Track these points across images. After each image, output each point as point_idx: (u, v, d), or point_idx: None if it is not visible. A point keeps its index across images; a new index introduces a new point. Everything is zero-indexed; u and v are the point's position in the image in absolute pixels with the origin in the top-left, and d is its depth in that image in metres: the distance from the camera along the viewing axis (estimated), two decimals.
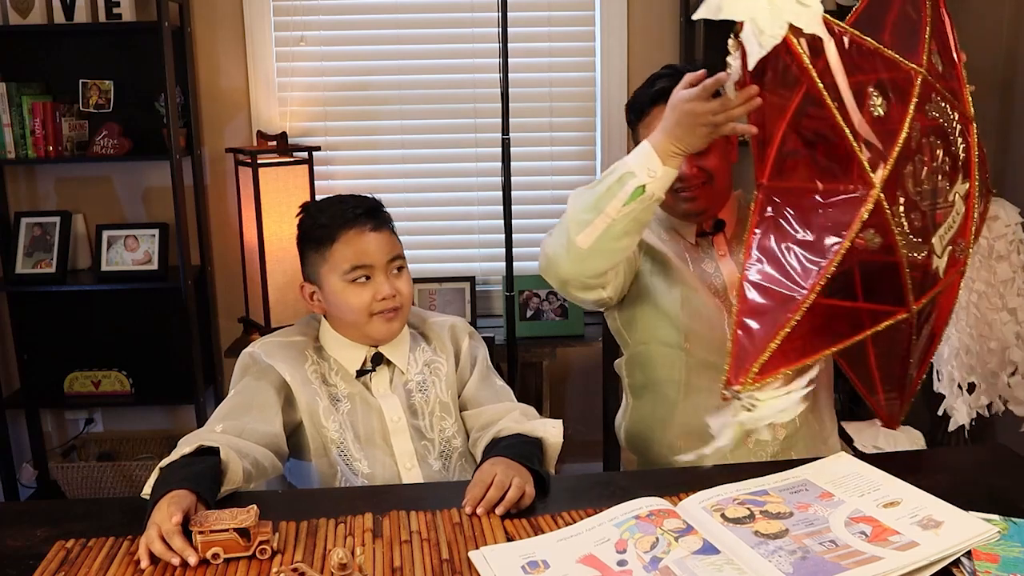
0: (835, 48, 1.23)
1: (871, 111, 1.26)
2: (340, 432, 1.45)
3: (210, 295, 2.94)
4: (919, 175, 1.30)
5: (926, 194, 1.31)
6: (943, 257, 1.36)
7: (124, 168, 2.84)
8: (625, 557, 1.05)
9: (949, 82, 1.36)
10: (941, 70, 1.34)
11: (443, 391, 1.53)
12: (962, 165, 1.36)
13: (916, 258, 1.30)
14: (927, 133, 1.30)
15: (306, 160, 2.70)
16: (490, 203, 2.91)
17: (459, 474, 1.52)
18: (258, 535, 1.09)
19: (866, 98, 1.26)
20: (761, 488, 1.20)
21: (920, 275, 1.32)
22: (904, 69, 1.27)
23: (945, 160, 1.34)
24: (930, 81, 1.29)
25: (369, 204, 1.49)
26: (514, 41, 2.58)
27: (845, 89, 1.24)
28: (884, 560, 0.99)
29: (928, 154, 1.31)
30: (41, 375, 2.92)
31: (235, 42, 2.80)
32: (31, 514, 1.25)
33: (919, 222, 1.30)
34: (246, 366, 1.48)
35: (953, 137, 1.34)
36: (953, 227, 1.37)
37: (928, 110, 1.30)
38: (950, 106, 1.34)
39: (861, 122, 1.24)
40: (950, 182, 1.35)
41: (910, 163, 1.28)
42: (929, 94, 1.30)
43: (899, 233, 1.26)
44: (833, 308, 1.27)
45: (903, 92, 1.27)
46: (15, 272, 2.73)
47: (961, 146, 1.36)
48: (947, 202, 1.35)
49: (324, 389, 1.46)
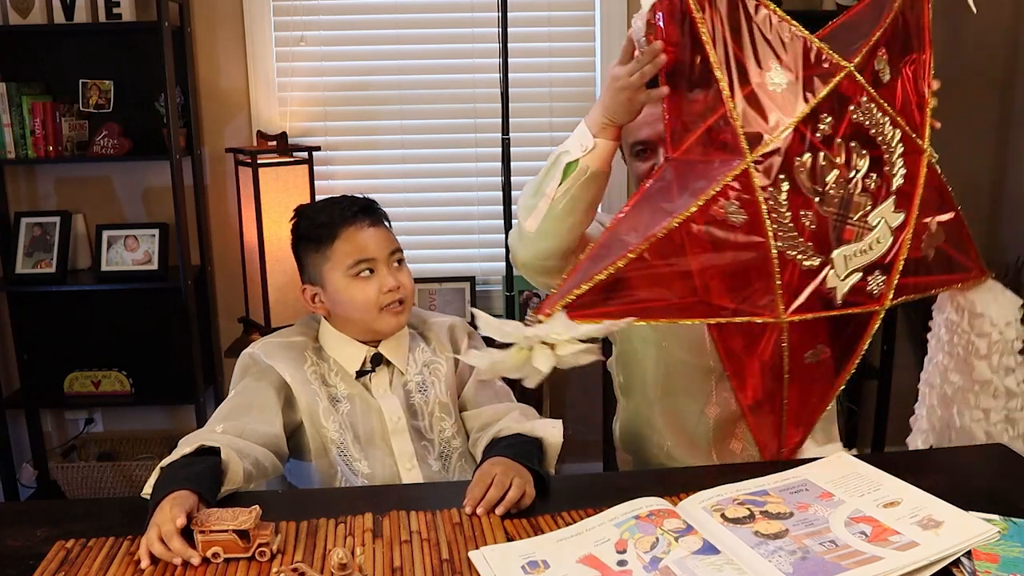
0: (727, 10, 1.23)
1: (768, 85, 1.24)
2: (340, 432, 1.45)
3: (210, 295, 2.94)
4: (822, 173, 1.26)
5: (830, 199, 1.27)
6: (845, 280, 1.31)
7: (124, 168, 2.84)
8: (625, 557, 1.05)
9: (904, 105, 1.33)
10: (886, 81, 1.31)
11: (442, 392, 1.53)
12: (896, 192, 1.32)
13: (798, 261, 1.26)
14: (847, 135, 1.27)
15: (306, 160, 2.70)
16: (490, 203, 2.91)
17: (459, 474, 1.52)
18: (257, 537, 1.09)
19: (764, 70, 1.24)
20: (761, 488, 1.20)
21: (799, 283, 1.28)
22: (828, 59, 1.26)
23: (870, 176, 1.29)
24: (859, 82, 1.27)
25: (364, 202, 1.50)
26: (514, 41, 2.58)
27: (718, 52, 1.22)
28: (884, 560, 0.99)
29: (843, 157, 1.27)
30: (41, 375, 2.92)
31: (235, 42, 2.80)
32: (31, 514, 1.24)
33: (813, 225, 1.26)
34: (246, 367, 1.48)
35: (888, 158, 1.31)
36: (869, 253, 1.31)
37: (853, 111, 1.27)
38: (891, 123, 1.30)
39: (743, 95, 1.23)
40: (872, 202, 1.30)
41: (811, 155, 1.25)
42: (856, 95, 1.27)
43: (777, 224, 1.23)
44: (678, 279, 1.24)
45: (818, 78, 1.25)
46: (15, 272, 2.73)
47: (899, 171, 1.32)
48: (863, 222, 1.30)
49: (324, 390, 1.46)
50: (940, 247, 1.43)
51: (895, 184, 1.32)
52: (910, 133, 1.33)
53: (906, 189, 1.34)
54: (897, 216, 1.33)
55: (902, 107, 1.33)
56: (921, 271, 1.41)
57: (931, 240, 1.40)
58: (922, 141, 1.35)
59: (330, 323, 1.51)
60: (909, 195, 1.35)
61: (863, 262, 1.32)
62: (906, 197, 1.34)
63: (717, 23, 1.23)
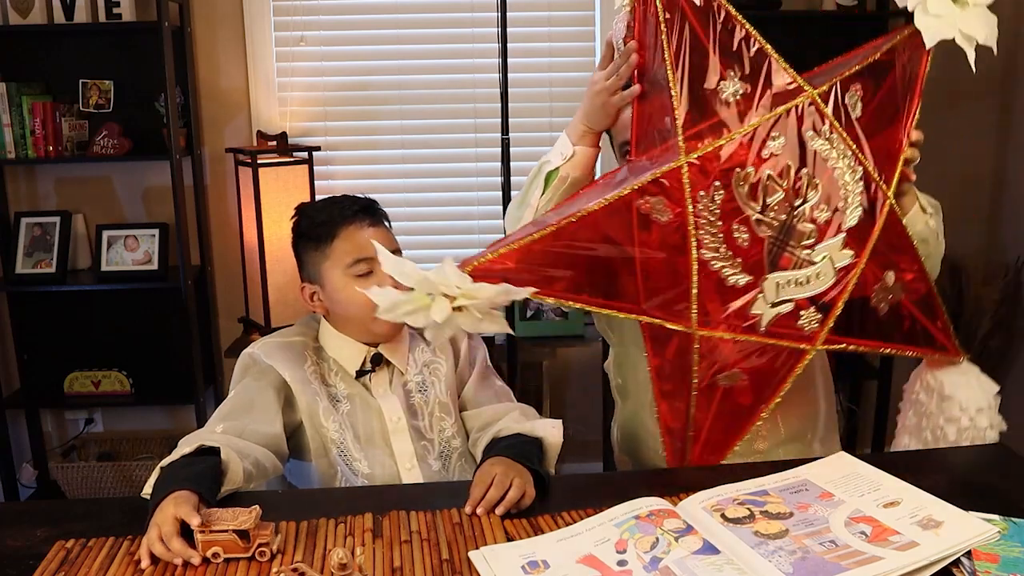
0: (697, 17, 1.23)
1: (720, 91, 1.24)
2: (340, 432, 1.45)
3: (210, 295, 2.94)
4: (764, 191, 1.25)
5: (770, 222, 1.26)
6: (772, 308, 1.29)
7: (124, 168, 2.84)
8: (625, 557, 1.05)
9: (875, 147, 1.31)
10: (857, 117, 1.29)
11: (442, 392, 1.53)
12: (848, 231, 1.29)
13: (724, 275, 1.25)
14: (800, 160, 1.26)
15: (306, 160, 2.70)
16: (490, 203, 2.91)
17: (459, 474, 1.52)
18: (257, 538, 1.09)
19: (722, 79, 1.24)
20: (761, 488, 1.20)
21: (721, 298, 1.27)
22: (792, 81, 1.26)
23: (821, 208, 1.27)
24: (821, 109, 1.26)
25: (365, 202, 1.50)
26: (514, 41, 2.58)
27: (677, 55, 1.23)
28: (884, 560, 0.99)
29: (792, 181, 1.26)
30: (41, 375, 2.92)
31: (235, 42, 2.80)
32: (31, 514, 1.24)
33: (746, 243, 1.25)
34: (246, 367, 1.48)
35: (844, 194, 1.28)
36: (805, 287, 1.29)
37: (810, 138, 1.26)
38: (854, 159, 1.28)
39: (692, 98, 1.23)
40: (819, 235, 1.28)
41: (754, 171, 1.24)
42: (816, 122, 1.26)
43: (705, 232, 1.23)
44: (590, 262, 1.23)
45: (776, 96, 1.25)
46: (15, 272, 2.73)
47: (854, 211, 1.29)
48: (805, 253, 1.28)
49: (324, 389, 1.46)
50: (906, 310, 1.39)
51: (847, 222, 1.29)
52: (874, 174, 1.30)
53: (860, 231, 1.31)
54: (844, 255, 1.30)
55: (873, 148, 1.31)
56: (871, 325, 1.38)
57: (885, 293, 1.37)
58: (887, 187, 1.31)
59: (329, 322, 1.51)
60: (862, 238, 1.31)
61: (797, 294, 1.29)
62: (858, 239, 1.31)
63: (684, 28, 1.23)
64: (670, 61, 1.23)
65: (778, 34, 2.87)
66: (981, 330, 2.85)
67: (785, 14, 2.73)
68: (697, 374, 1.33)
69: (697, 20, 1.24)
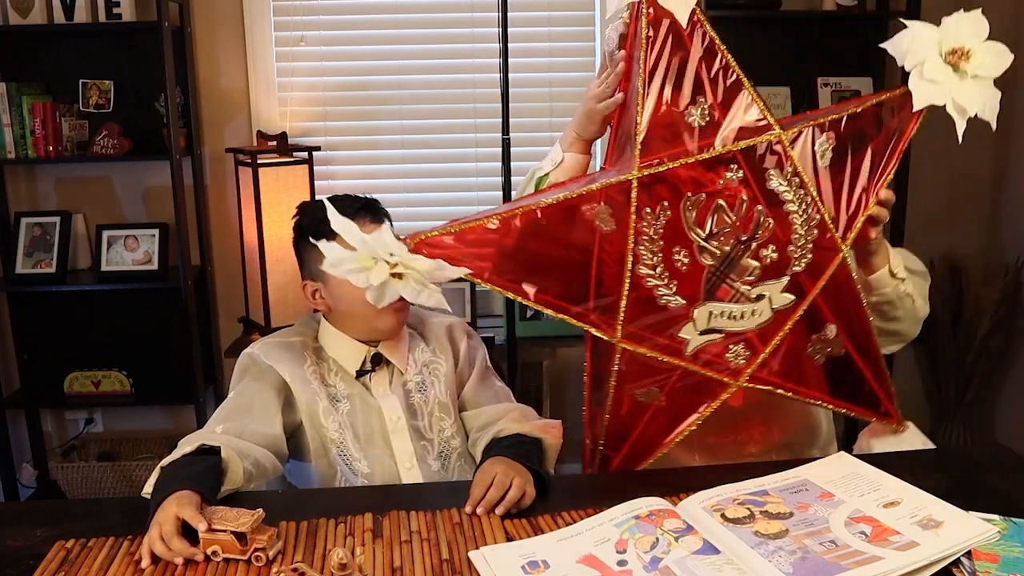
0: (679, 38, 1.23)
1: (687, 115, 1.25)
2: (340, 432, 1.45)
3: (210, 295, 2.94)
4: (712, 220, 1.26)
5: (713, 251, 1.26)
6: (700, 336, 1.30)
7: (124, 168, 2.84)
8: (625, 557, 1.05)
9: (838, 197, 1.30)
10: (825, 165, 1.29)
11: (442, 391, 1.53)
12: (792, 274, 1.29)
13: (657, 293, 1.26)
14: (755, 196, 1.26)
15: (306, 160, 2.70)
16: (490, 203, 2.91)
17: (458, 474, 1.52)
18: (254, 541, 1.09)
19: (691, 103, 1.25)
20: (761, 488, 1.20)
21: (647, 317, 1.28)
22: (762, 117, 1.26)
23: (768, 247, 1.27)
24: (787, 150, 1.26)
25: (367, 200, 1.50)
26: (514, 41, 2.58)
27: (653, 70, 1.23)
28: (884, 560, 0.99)
29: (741, 216, 1.26)
30: (41, 375, 2.92)
31: (235, 42, 2.80)
32: (31, 514, 1.25)
33: (685, 268, 1.26)
34: (246, 367, 1.48)
35: (796, 238, 1.28)
36: (739, 321, 1.29)
37: (770, 177, 1.26)
38: (811, 206, 1.28)
39: (656, 114, 1.23)
40: (761, 273, 1.28)
41: (705, 197, 1.25)
42: (779, 162, 1.26)
43: (644, 248, 1.24)
44: (530, 256, 1.26)
45: (741, 129, 1.25)
46: (15, 272, 2.73)
47: (803, 256, 1.29)
48: (744, 288, 1.28)
49: (323, 389, 1.46)
50: (851, 367, 1.39)
51: (794, 267, 1.29)
52: (830, 224, 1.30)
53: (805, 278, 1.31)
54: (784, 298, 1.30)
55: (835, 198, 1.30)
56: (810, 375, 1.38)
57: (823, 345, 1.36)
58: (844, 241, 1.31)
59: (330, 321, 1.51)
60: (806, 285, 1.31)
61: (729, 327, 1.30)
62: (803, 285, 1.31)
63: (665, 47, 1.24)
64: (643, 77, 1.24)
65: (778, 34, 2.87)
66: (981, 330, 2.85)
67: (785, 14, 2.73)
68: (614, 385, 1.34)
69: (679, 42, 1.24)
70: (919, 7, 2.61)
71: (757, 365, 1.33)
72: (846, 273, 1.32)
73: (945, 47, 1.28)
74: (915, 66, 1.29)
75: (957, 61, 1.28)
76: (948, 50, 1.28)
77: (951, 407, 2.98)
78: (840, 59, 2.84)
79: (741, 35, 2.81)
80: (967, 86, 1.29)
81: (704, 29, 1.24)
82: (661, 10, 1.22)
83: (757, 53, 2.81)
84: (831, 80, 2.82)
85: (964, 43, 1.28)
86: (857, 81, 2.83)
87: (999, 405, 3.07)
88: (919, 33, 1.28)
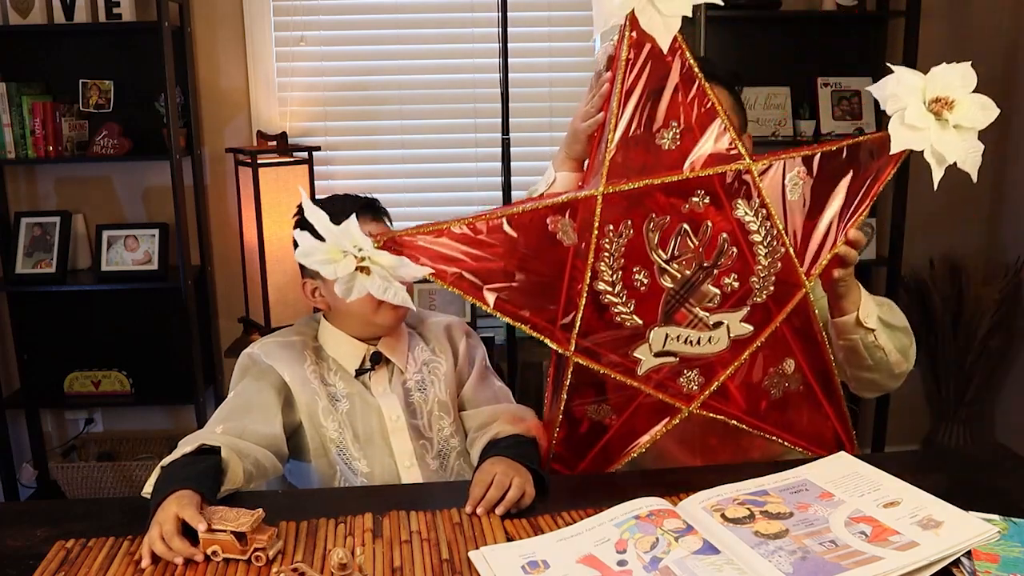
0: (657, 61, 1.25)
1: (658, 138, 1.27)
2: (339, 431, 1.45)
3: (210, 295, 2.94)
4: (674, 243, 1.27)
5: (673, 274, 1.28)
6: (655, 358, 1.31)
7: (124, 168, 2.84)
8: (625, 557, 1.05)
9: (805, 233, 1.31)
10: (793, 199, 1.30)
11: (441, 391, 1.53)
12: (752, 305, 1.31)
13: (614, 310, 1.28)
14: (720, 224, 1.27)
15: (306, 160, 2.70)
16: (490, 203, 2.91)
17: (457, 473, 1.52)
18: (253, 542, 1.09)
19: (664, 126, 1.26)
20: (761, 488, 1.20)
21: (602, 333, 1.29)
22: (733, 147, 1.27)
23: (731, 274, 1.29)
24: (755, 180, 1.27)
25: (366, 199, 1.50)
26: (514, 41, 2.58)
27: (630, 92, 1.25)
28: (884, 560, 0.99)
29: (704, 241, 1.28)
30: (41, 375, 2.92)
31: (235, 42, 2.80)
32: (31, 514, 1.25)
33: (644, 288, 1.28)
34: (245, 367, 1.48)
35: (759, 269, 1.29)
36: (694, 347, 1.31)
37: (737, 205, 1.28)
38: (776, 239, 1.29)
39: (627, 134, 1.25)
40: (721, 301, 1.30)
41: (669, 220, 1.26)
42: (748, 193, 1.28)
43: (605, 264, 1.26)
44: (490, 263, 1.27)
45: (711, 157, 1.27)
46: (15, 272, 2.73)
47: (765, 288, 1.30)
48: (703, 314, 1.30)
49: (323, 389, 1.46)
50: (813, 405, 1.39)
51: (755, 297, 1.31)
52: (794, 259, 1.30)
53: (765, 309, 1.32)
54: (742, 328, 1.31)
55: (803, 233, 1.31)
56: (766, 408, 1.38)
57: (781, 380, 1.37)
58: (808, 277, 1.31)
59: (329, 320, 1.51)
60: (765, 318, 1.32)
61: (684, 351, 1.31)
62: (762, 317, 1.32)
63: (644, 69, 1.25)
64: (618, 97, 1.26)
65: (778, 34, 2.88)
66: (981, 330, 2.86)
67: (785, 14, 2.73)
68: (564, 399, 1.35)
69: (658, 65, 1.26)
70: (919, 8, 2.61)
71: (710, 392, 1.34)
72: (808, 308, 1.34)
73: (929, 94, 1.28)
74: (897, 111, 1.29)
75: (940, 109, 1.28)
76: (932, 98, 1.28)
77: (951, 407, 2.98)
78: (840, 59, 2.84)
79: (741, 35, 2.86)
80: (948, 135, 1.29)
81: (684, 55, 1.25)
82: (643, 33, 1.23)
83: (757, 53, 2.85)
84: (831, 80, 2.82)
85: (949, 92, 1.28)
86: (857, 81, 2.83)
87: (999, 405, 3.07)
88: (904, 79, 1.29)
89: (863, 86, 2.81)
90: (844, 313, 1.40)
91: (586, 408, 1.39)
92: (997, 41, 2.87)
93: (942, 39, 2.83)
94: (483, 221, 1.25)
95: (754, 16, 2.73)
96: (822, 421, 1.40)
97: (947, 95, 1.27)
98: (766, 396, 1.38)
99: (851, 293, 1.39)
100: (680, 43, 1.24)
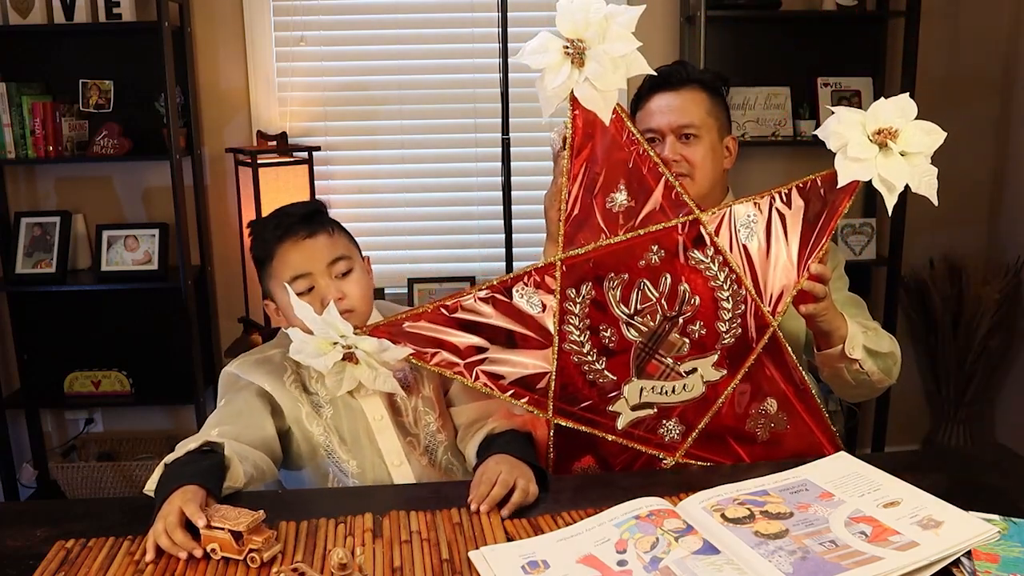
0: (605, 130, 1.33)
1: (607, 202, 1.33)
2: (326, 436, 1.45)
3: (210, 295, 2.94)
4: (636, 298, 1.33)
5: (639, 327, 1.33)
6: (632, 412, 1.34)
7: (124, 168, 2.84)
8: (625, 557, 1.05)
9: (764, 272, 1.34)
10: (749, 244, 1.34)
11: (425, 386, 1.53)
12: (722, 348, 1.33)
13: (585, 371, 1.33)
14: (677, 275, 1.32)
15: (306, 160, 2.70)
16: (490, 203, 2.91)
17: (446, 467, 1.51)
18: (249, 543, 1.09)
19: (613, 190, 1.33)
20: (761, 488, 1.20)
21: (580, 393, 1.34)
22: (683, 202, 1.33)
23: (697, 323, 1.33)
24: (706, 228, 1.32)
25: (304, 211, 1.46)
26: (514, 41, 2.58)
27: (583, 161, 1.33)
28: (884, 560, 0.99)
29: (664, 293, 1.32)
30: (41, 375, 2.92)
31: (235, 42, 2.80)
32: (31, 514, 1.25)
33: (612, 344, 1.33)
34: (229, 383, 1.47)
35: (722, 314, 1.33)
36: (671, 396, 1.35)
37: (691, 255, 1.33)
38: (735, 282, 1.33)
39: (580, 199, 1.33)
40: (690, 350, 1.33)
41: (628, 277, 1.32)
42: (701, 241, 1.32)
43: (571, 326, 1.32)
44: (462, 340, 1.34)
45: (659, 211, 1.32)
46: (15, 272, 2.73)
47: (731, 331, 1.34)
48: (675, 365, 1.34)
49: (305, 397, 1.46)
50: (792, 426, 1.40)
51: (723, 340, 1.34)
52: (756, 299, 1.33)
53: (736, 351, 1.35)
54: (716, 373, 1.35)
55: (762, 273, 1.34)
56: (753, 448, 1.40)
57: (767, 420, 1.39)
58: (774, 315, 1.34)
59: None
60: (738, 360, 1.35)
61: (661, 401, 1.35)
62: (734, 360, 1.35)
63: (593, 143, 1.34)
64: (567, 169, 1.33)
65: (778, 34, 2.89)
66: (981, 330, 2.86)
67: (785, 14, 2.73)
68: (552, 462, 1.40)
69: (603, 136, 1.34)
70: (919, 8, 2.61)
71: (692, 440, 1.38)
72: (779, 345, 1.36)
73: (871, 127, 1.32)
74: (840, 147, 1.33)
75: (884, 140, 1.31)
76: (875, 130, 1.32)
77: (951, 407, 2.98)
78: (840, 59, 2.84)
79: (741, 35, 2.86)
80: (895, 162, 1.31)
81: (624, 123, 1.33)
82: (585, 110, 1.32)
83: (757, 53, 2.85)
84: (831, 80, 2.82)
85: (890, 123, 1.31)
86: (857, 81, 2.83)
87: (999, 405, 3.07)
88: (844, 116, 1.34)
89: (863, 86, 2.81)
90: (831, 346, 1.42)
91: (571, 467, 1.42)
92: (997, 41, 2.87)
93: (942, 39, 2.82)
94: (453, 300, 1.33)
95: (754, 16, 2.73)
96: (808, 435, 1.41)
97: (889, 125, 1.31)
98: (752, 438, 1.40)
99: (834, 326, 1.40)
100: (619, 112, 1.32)
